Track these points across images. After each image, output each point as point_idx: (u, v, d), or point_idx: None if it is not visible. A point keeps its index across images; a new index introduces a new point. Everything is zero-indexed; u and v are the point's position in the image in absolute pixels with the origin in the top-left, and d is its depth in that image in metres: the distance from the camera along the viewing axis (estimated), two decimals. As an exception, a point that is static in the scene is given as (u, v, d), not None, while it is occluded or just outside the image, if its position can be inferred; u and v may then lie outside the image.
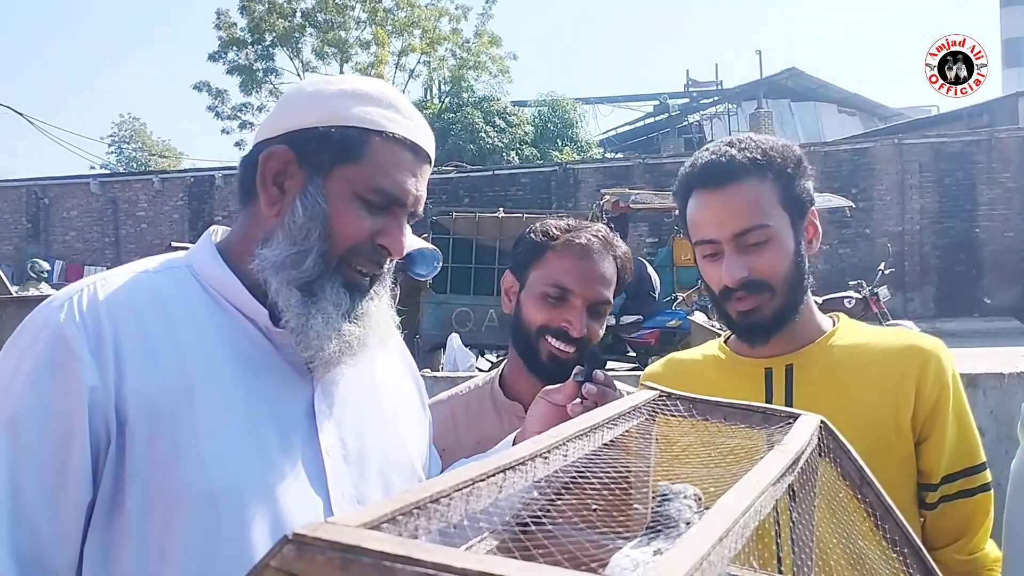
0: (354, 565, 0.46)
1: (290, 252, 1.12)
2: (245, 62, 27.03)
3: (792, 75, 30.33)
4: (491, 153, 24.92)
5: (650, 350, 10.35)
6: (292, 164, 1.14)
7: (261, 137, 1.17)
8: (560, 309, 1.63)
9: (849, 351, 1.50)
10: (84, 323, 1.04)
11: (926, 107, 32.44)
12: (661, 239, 18.30)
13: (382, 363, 1.29)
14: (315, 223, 1.12)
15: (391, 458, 1.23)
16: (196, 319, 1.11)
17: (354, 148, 1.13)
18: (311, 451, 1.12)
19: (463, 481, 0.60)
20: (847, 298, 10.60)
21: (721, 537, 0.52)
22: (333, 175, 1.13)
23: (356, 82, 1.18)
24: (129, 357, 1.04)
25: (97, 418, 1.01)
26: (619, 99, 34.04)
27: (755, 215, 1.42)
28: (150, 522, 1.01)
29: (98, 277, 1.13)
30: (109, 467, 1.02)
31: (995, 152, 17.67)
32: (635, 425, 0.90)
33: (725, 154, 1.45)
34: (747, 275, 1.42)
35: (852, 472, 0.89)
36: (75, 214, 22.44)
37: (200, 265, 1.17)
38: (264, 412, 1.10)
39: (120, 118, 44.21)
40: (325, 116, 1.14)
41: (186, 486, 1.02)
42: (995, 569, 1.49)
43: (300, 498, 1.08)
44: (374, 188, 1.14)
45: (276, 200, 1.14)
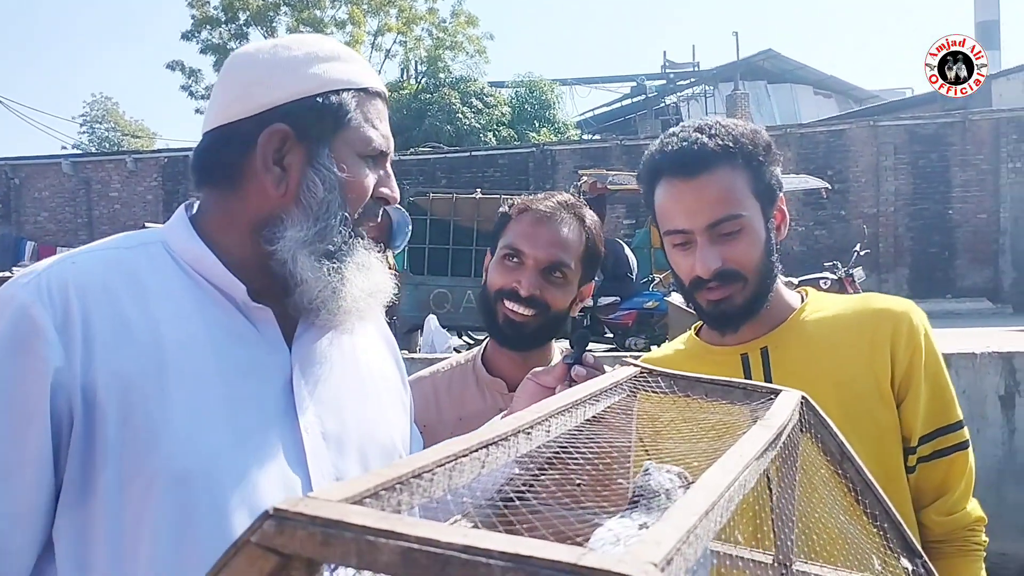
0: (336, 540, 0.45)
1: (316, 228, 1.11)
2: (219, 41, 26.67)
3: (769, 57, 30.43)
4: (468, 134, 24.80)
5: (627, 331, 10.41)
6: (290, 140, 1.12)
7: (230, 118, 1.14)
8: (515, 271, 1.67)
9: (821, 324, 1.50)
10: (52, 300, 1.01)
11: (901, 89, 32.65)
12: (639, 220, 18.35)
13: (361, 339, 1.28)
14: (333, 194, 1.12)
15: (371, 436, 1.21)
16: (171, 296, 1.09)
17: (346, 111, 1.14)
18: (290, 429, 1.11)
19: (446, 456, 0.59)
20: (822, 279, 10.65)
21: (707, 511, 0.52)
22: (336, 142, 1.13)
23: (312, 43, 1.17)
24: (99, 336, 1.01)
25: (61, 399, 0.98)
26: (596, 80, 34.01)
27: (728, 205, 1.41)
28: (124, 502, 0.99)
29: (68, 254, 1.10)
30: (76, 448, 0.99)
31: (969, 134, 17.82)
32: (617, 401, 0.90)
33: (696, 141, 1.43)
34: (721, 266, 1.41)
35: (833, 447, 0.89)
36: (47, 195, 22.13)
37: (175, 241, 1.15)
38: (241, 390, 1.08)
39: (92, 98, 43.68)
40: (311, 85, 1.12)
41: (160, 466, 1.00)
42: (977, 529, 1.48)
43: (278, 477, 1.07)
44: (370, 145, 1.16)
45: (281, 179, 1.12)
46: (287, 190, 1.12)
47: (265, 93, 1.13)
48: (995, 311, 16.05)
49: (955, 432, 1.47)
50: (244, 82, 1.15)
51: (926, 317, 1.51)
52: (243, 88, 1.14)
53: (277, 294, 1.14)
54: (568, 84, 31.08)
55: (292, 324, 1.16)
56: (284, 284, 1.13)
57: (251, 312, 1.13)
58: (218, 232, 1.15)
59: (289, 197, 1.12)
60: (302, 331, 1.17)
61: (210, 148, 1.16)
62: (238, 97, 1.14)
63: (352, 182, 1.14)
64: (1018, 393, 6.58)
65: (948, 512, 1.46)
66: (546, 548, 0.42)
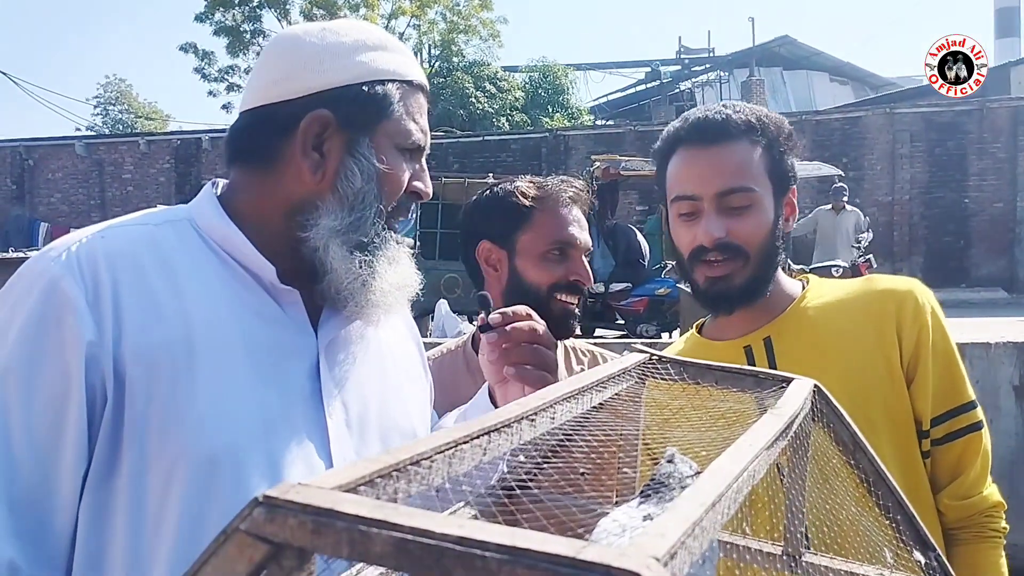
0: (327, 529, 0.43)
1: (351, 218, 1.11)
2: (232, 23, 26.60)
3: (785, 43, 30.19)
4: (481, 119, 24.73)
5: (639, 318, 10.37)
6: (332, 127, 1.11)
7: (271, 99, 1.12)
8: (564, 264, 1.68)
9: (824, 310, 1.47)
10: (82, 274, 1.00)
11: (917, 76, 32.33)
12: (651, 207, 18.26)
13: (385, 326, 1.26)
14: (370, 185, 1.12)
15: (393, 423, 1.20)
16: (199, 273, 1.08)
17: (390, 103, 1.13)
18: (314, 414, 1.09)
19: (446, 443, 0.57)
20: (835, 267, 10.56)
21: (714, 502, 0.50)
22: (377, 133, 1.13)
23: (360, 29, 1.16)
24: (129, 311, 1.00)
25: (94, 374, 0.97)
26: (610, 65, 33.83)
27: (743, 176, 1.39)
28: (148, 483, 0.98)
29: (96, 228, 1.09)
30: (106, 425, 0.98)
31: (986, 122, 17.64)
32: (625, 388, 0.88)
33: (720, 112, 1.42)
34: (724, 236, 1.38)
35: (845, 437, 0.87)
36: (60, 176, 22.19)
37: (203, 219, 1.13)
38: (267, 373, 1.07)
39: (106, 79, 43.51)
40: (358, 72, 1.12)
41: (186, 447, 0.98)
42: (995, 515, 1.44)
43: (302, 462, 1.05)
44: (409, 138, 1.15)
45: (319, 165, 1.11)
46: (324, 177, 1.11)
47: (310, 77, 1.11)
48: (1010, 301, 15.92)
49: (968, 413, 1.43)
50: (289, 64, 1.13)
51: (932, 295, 1.48)
52: (287, 70, 1.13)
53: (304, 278, 1.13)
54: (582, 69, 30.95)
55: (318, 308, 1.15)
56: (312, 270, 1.12)
57: (278, 294, 1.12)
58: (248, 212, 1.14)
59: (326, 184, 1.11)
60: (328, 316, 1.16)
61: (248, 128, 1.15)
62: (282, 79, 1.12)
63: (389, 174, 1.13)
64: (1033, 383, 6.53)
65: (963, 496, 1.42)
66: (544, 541, 0.40)
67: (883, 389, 1.39)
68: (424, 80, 1.19)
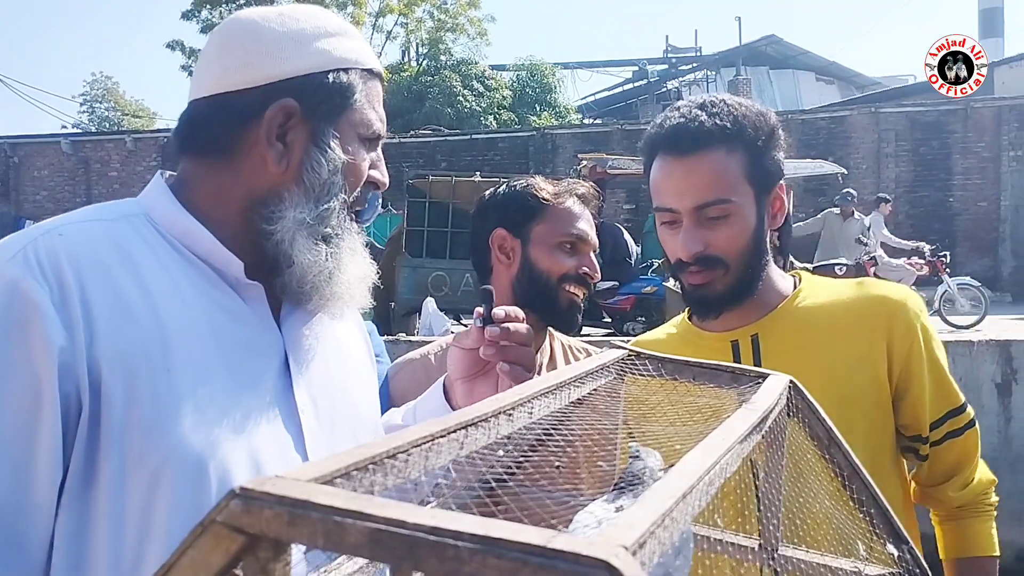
0: (302, 520, 0.44)
1: (317, 210, 1.08)
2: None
3: (771, 42, 30.29)
4: (469, 117, 24.70)
5: (625, 316, 10.40)
6: (296, 116, 1.07)
7: (229, 87, 1.07)
8: (575, 257, 1.76)
9: (814, 311, 1.47)
10: (44, 275, 0.93)
11: (903, 76, 32.50)
12: (638, 205, 18.31)
13: (339, 321, 1.25)
14: (336, 176, 1.09)
15: (359, 416, 1.19)
16: (163, 271, 1.03)
17: (353, 91, 1.11)
18: (287, 410, 1.07)
19: (423, 437, 0.58)
20: (838, 265, 10.54)
21: (684, 494, 0.51)
22: (340, 122, 1.10)
23: (319, 16, 1.13)
24: (99, 313, 0.94)
25: (67, 381, 0.91)
26: (598, 64, 33.89)
27: (717, 188, 1.37)
28: (130, 491, 0.93)
29: (49, 225, 1.02)
30: (82, 433, 0.93)
31: (970, 122, 17.75)
32: (603, 384, 0.89)
33: (695, 119, 1.39)
34: (702, 250, 1.38)
35: (820, 432, 0.88)
36: (46, 173, 22.06)
37: (159, 213, 1.08)
38: (241, 372, 1.04)
39: (92, 77, 43.40)
40: (321, 61, 1.09)
41: (172, 450, 0.94)
42: (989, 492, 1.53)
43: (282, 460, 1.03)
44: (371, 128, 1.14)
45: (283, 156, 1.08)
46: (288, 167, 1.08)
47: (272, 64, 1.07)
48: (994, 299, 16.00)
49: (962, 414, 1.48)
50: (248, 51, 1.08)
51: (923, 303, 1.50)
52: (246, 57, 1.07)
53: (265, 272, 1.10)
54: (569, 68, 30.99)
55: (276, 302, 1.13)
56: (275, 263, 1.09)
57: (242, 289, 1.08)
58: (206, 205, 1.09)
59: (290, 175, 1.08)
60: (289, 311, 1.13)
61: (203, 116, 1.10)
62: (240, 66, 1.07)
63: (353, 165, 1.11)
64: (1015, 381, 6.59)
65: (963, 485, 1.50)
66: (516, 530, 0.41)
67: (866, 396, 1.40)
68: (380, 67, 1.18)
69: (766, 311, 1.48)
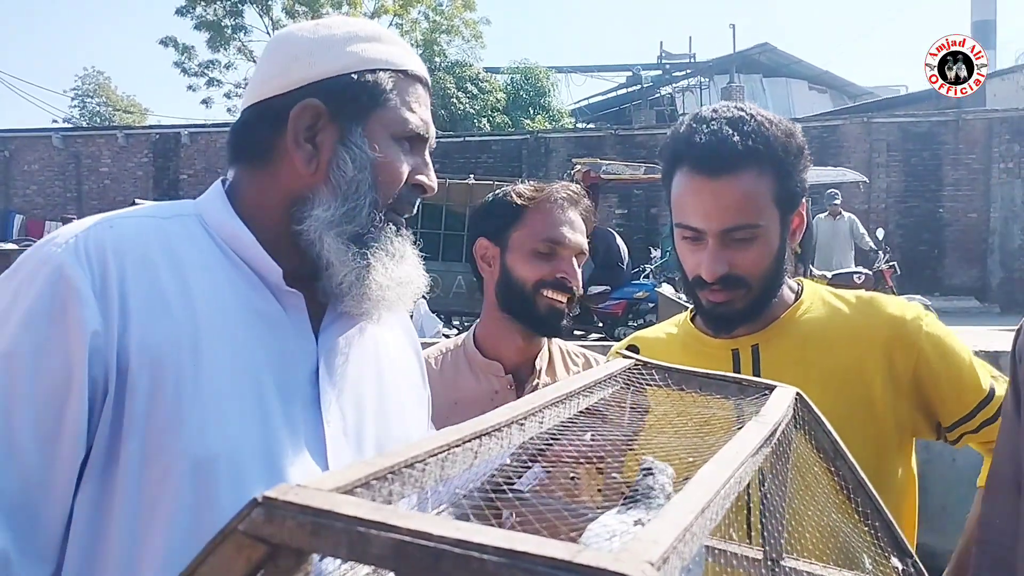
0: (326, 531, 0.44)
1: (344, 208, 1.09)
2: (213, 18, 26.36)
3: (765, 50, 30.38)
4: (462, 119, 24.70)
5: (617, 321, 10.42)
6: (323, 117, 1.10)
7: (266, 94, 1.12)
8: (552, 262, 1.73)
9: (813, 325, 1.47)
10: (90, 263, 0.98)
11: (895, 86, 32.67)
12: (631, 210, 18.35)
13: (384, 333, 1.26)
14: (364, 174, 1.10)
15: (389, 433, 1.19)
16: (206, 270, 1.07)
17: (383, 91, 1.12)
18: (312, 420, 1.09)
19: (439, 446, 0.58)
20: (857, 273, 10.55)
21: (703, 508, 0.51)
22: (370, 122, 1.12)
23: (354, 23, 1.16)
24: (135, 304, 0.99)
25: (97, 366, 0.95)
26: (592, 69, 33.86)
27: (746, 213, 1.35)
28: (145, 480, 0.97)
29: (103, 217, 1.07)
30: (106, 418, 0.97)
31: (962, 133, 17.83)
32: (610, 393, 0.89)
33: (727, 139, 1.34)
34: (727, 271, 1.37)
35: (826, 445, 0.89)
36: (36, 168, 21.93)
37: (211, 215, 1.13)
38: (268, 376, 1.06)
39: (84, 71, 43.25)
40: (349, 62, 1.11)
41: (184, 447, 0.97)
42: None
43: (300, 467, 1.05)
44: (406, 128, 1.14)
45: (312, 157, 1.11)
46: (318, 168, 1.11)
47: (301, 69, 1.11)
48: (983, 310, 16.11)
49: (992, 400, 1.45)
50: (282, 59, 1.13)
51: (929, 316, 1.48)
52: (280, 65, 1.13)
53: (307, 278, 1.12)
54: (564, 72, 30.97)
55: (319, 312, 1.15)
56: (314, 267, 1.11)
57: (282, 296, 1.11)
58: (252, 209, 1.13)
59: (319, 175, 1.11)
60: (329, 321, 1.15)
61: (245, 124, 1.15)
62: (276, 74, 1.13)
63: (384, 163, 1.12)
64: (1003, 393, 6.61)
65: None
66: (541, 544, 0.41)
67: (859, 411, 1.40)
68: (423, 71, 1.18)
69: (769, 321, 1.48)
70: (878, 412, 1.42)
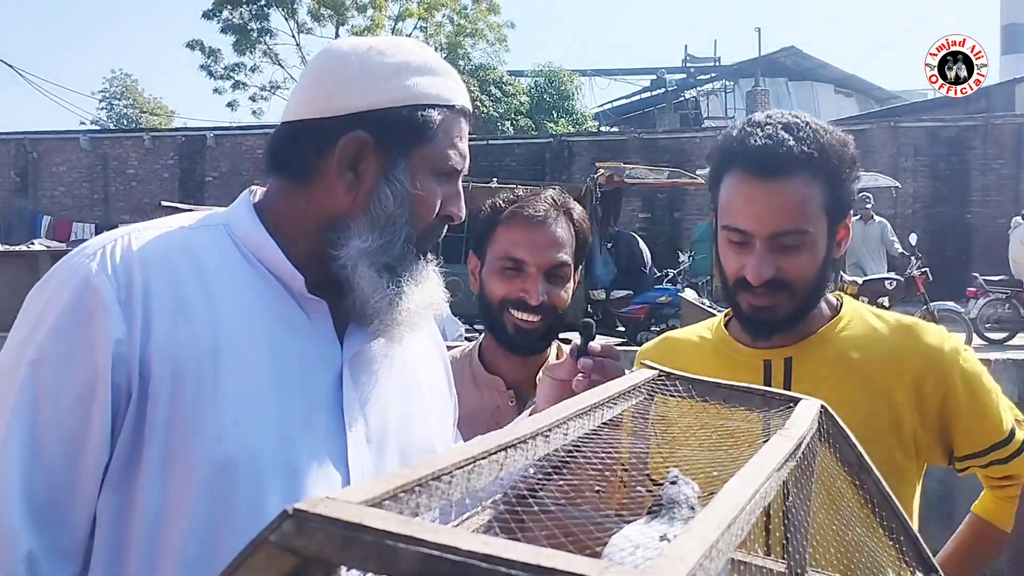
0: (355, 543, 0.45)
1: (381, 241, 1.11)
2: (239, 21, 26.61)
3: (790, 54, 30.21)
4: (486, 123, 24.75)
5: (639, 325, 10.38)
6: (368, 147, 1.11)
7: (312, 114, 1.13)
8: (517, 280, 1.67)
9: (849, 344, 1.46)
10: (115, 273, 1.02)
11: (922, 91, 32.34)
12: (654, 214, 18.30)
13: (412, 343, 1.27)
14: (403, 209, 1.12)
15: (412, 441, 1.20)
16: (230, 279, 1.09)
17: (430, 127, 1.13)
18: (335, 426, 1.10)
19: (465, 459, 0.59)
20: (888, 280, 10.46)
21: (729, 524, 0.51)
22: (413, 157, 1.12)
23: (407, 51, 1.15)
24: (158, 313, 1.02)
25: (120, 372, 0.99)
26: (616, 72, 33.82)
27: (797, 218, 1.35)
28: (165, 485, 1.00)
29: (132, 228, 1.11)
30: (128, 424, 1.00)
31: (990, 138, 17.64)
32: (634, 405, 0.89)
33: (782, 142, 1.34)
34: (773, 275, 1.36)
35: (851, 458, 0.89)
36: (64, 169, 22.20)
37: (237, 225, 1.15)
38: (291, 382, 1.08)
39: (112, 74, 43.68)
40: (400, 96, 1.12)
41: (204, 451, 1.00)
42: None
43: (320, 473, 1.07)
44: (447, 163, 1.15)
45: (353, 185, 1.12)
46: (357, 196, 1.12)
47: (352, 97, 1.12)
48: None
49: (1007, 444, 1.47)
50: (333, 81, 1.14)
51: (967, 349, 1.48)
52: (331, 87, 1.13)
53: (332, 290, 1.14)
54: (587, 75, 30.96)
55: (344, 320, 1.16)
56: (339, 284, 1.13)
57: (306, 303, 1.13)
58: (282, 222, 1.15)
59: (359, 204, 1.12)
60: (354, 328, 1.17)
61: (288, 139, 1.16)
62: (324, 95, 1.13)
63: (422, 199, 1.14)
64: (1032, 401, 6.55)
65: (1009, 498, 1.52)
66: (568, 560, 0.42)
67: (886, 436, 1.40)
68: (467, 103, 1.19)
69: (806, 334, 1.46)
70: (904, 438, 1.42)
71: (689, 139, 19.38)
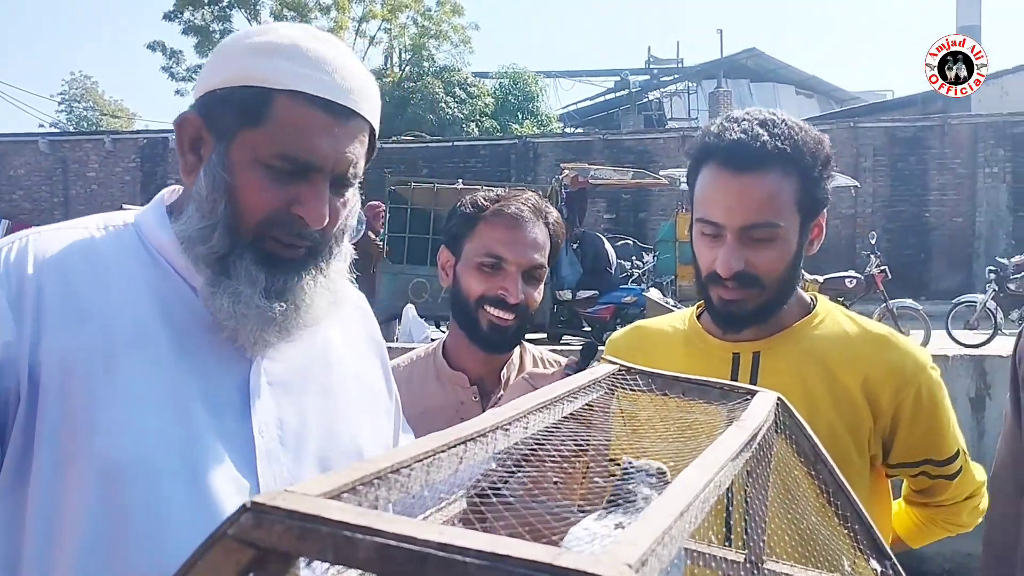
0: (313, 535, 0.45)
1: (199, 226, 1.05)
2: (201, 22, 26.37)
3: (752, 55, 30.56)
4: (451, 124, 24.76)
5: (605, 325, 10.42)
6: (203, 130, 1.07)
7: (194, 97, 1.11)
8: (496, 278, 1.67)
9: (819, 343, 1.47)
10: (8, 276, 1.00)
11: (881, 91, 32.87)
12: (619, 215, 18.41)
13: (338, 340, 1.22)
14: (219, 194, 1.05)
15: (334, 442, 1.16)
16: (132, 281, 1.06)
17: (256, 111, 1.03)
18: (242, 430, 1.06)
19: (424, 452, 0.59)
20: (848, 278, 10.59)
21: (682, 512, 0.52)
22: (236, 142, 1.05)
23: (270, 33, 1.08)
24: (51, 313, 0.99)
25: (8, 376, 0.96)
26: (580, 74, 33.97)
27: (768, 212, 1.37)
28: (57, 489, 0.96)
29: (35, 231, 1.08)
30: (18, 428, 0.97)
31: (947, 138, 17.97)
32: (595, 398, 0.90)
33: (757, 137, 1.36)
34: (742, 268, 1.38)
35: (807, 449, 0.90)
36: (23, 172, 21.83)
37: (145, 225, 1.12)
38: (193, 386, 1.04)
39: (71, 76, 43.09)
40: (230, 76, 1.05)
41: (95, 453, 0.96)
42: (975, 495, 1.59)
43: (224, 478, 1.02)
44: (280, 153, 1.04)
45: (193, 168, 1.08)
46: (193, 181, 1.09)
47: (204, 79, 1.09)
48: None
49: (943, 467, 1.50)
50: (206, 64, 1.12)
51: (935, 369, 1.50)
52: (203, 70, 1.12)
53: None
54: (552, 77, 31.10)
55: None
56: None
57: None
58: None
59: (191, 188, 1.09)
60: None
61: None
62: (199, 78, 1.12)
63: (241, 188, 1.05)
64: (988, 396, 6.68)
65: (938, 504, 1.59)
66: (523, 547, 0.42)
67: (844, 438, 1.42)
68: (332, 94, 1.05)
69: (775, 330, 1.48)
70: (860, 439, 1.44)
71: (653, 140, 19.53)
